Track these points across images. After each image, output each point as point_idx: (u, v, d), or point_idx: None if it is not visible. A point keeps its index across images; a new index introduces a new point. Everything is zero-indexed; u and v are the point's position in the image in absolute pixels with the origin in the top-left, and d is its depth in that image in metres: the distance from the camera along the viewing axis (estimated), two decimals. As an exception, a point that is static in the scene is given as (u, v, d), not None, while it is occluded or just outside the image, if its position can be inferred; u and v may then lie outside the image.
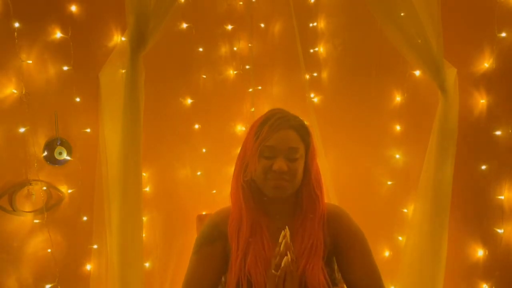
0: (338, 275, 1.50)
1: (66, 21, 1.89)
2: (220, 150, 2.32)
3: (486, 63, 2.02)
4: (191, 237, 2.05)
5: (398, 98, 2.21)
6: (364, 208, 2.09)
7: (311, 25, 2.40)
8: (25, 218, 1.84)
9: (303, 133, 1.42)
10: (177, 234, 2.19)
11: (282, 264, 1.27)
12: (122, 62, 1.70)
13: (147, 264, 2.11)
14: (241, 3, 2.39)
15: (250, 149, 1.41)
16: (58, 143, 1.88)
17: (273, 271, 1.29)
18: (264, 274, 1.36)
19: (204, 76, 2.31)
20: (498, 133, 2.01)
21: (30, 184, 1.83)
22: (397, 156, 2.22)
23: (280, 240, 1.29)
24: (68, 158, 1.90)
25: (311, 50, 2.39)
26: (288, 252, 1.27)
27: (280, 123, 1.39)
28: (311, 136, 1.45)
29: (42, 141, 1.86)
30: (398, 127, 2.22)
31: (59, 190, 1.90)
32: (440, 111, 1.72)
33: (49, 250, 1.86)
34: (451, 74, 1.72)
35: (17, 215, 1.82)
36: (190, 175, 2.26)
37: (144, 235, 1.86)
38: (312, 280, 1.35)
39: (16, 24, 1.78)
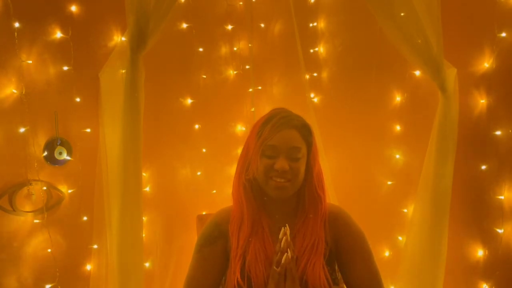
0: (339, 275, 1.49)
1: (66, 21, 1.89)
2: (220, 150, 2.32)
3: (486, 63, 2.02)
4: (191, 237, 2.05)
5: (398, 98, 2.21)
6: (364, 208, 2.09)
7: (311, 25, 2.40)
8: (25, 218, 1.84)
9: (306, 133, 1.42)
10: (177, 234, 2.19)
11: (283, 261, 1.27)
12: (122, 62, 1.69)
13: (147, 264, 2.11)
14: (241, 3, 2.39)
15: (252, 148, 1.42)
16: (58, 143, 1.88)
17: (274, 267, 1.29)
18: (264, 272, 1.36)
19: (204, 76, 2.30)
20: (498, 133, 2.01)
21: (30, 184, 1.83)
22: (397, 156, 2.22)
23: (280, 236, 1.29)
24: (68, 158, 1.90)
25: (311, 50, 2.39)
26: (288, 249, 1.27)
27: (282, 122, 1.39)
28: (313, 136, 1.45)
29: (42, 141, 1.86)
30: (398, 127, 2.22)
31: (59, 190, 1.90)
32: (440, 111, 1.72)
33: (49, 250, 1.86)
34: (451, 74, 1.72)
35: (17, 215, 1.82)
36: (190, 175, 2.26)
37: (144, 235, 1.86)
38: (313, 278, 1.35)
39: (16, 24, 1.78)
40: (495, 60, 1.99)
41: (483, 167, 2.04)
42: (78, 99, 1.92)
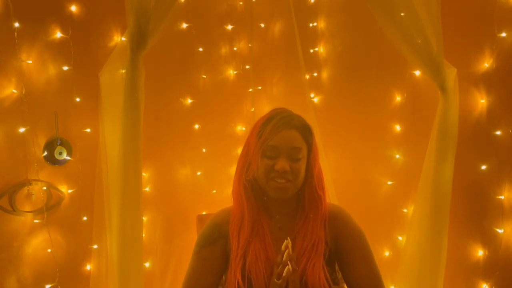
0: (339, 275, 1.50)
1: (66, 21, 1.89)
2: (220, 150, 2.32)
3: (486, 63, 2.02)
4: (191, 237, 2.05)
5: (398, 98, 2.21)
6: (364, 208, 2.09)
7: (311, 25, 2.40)
8: (25, 218, 1.84)
9: (306, 133, 1.42)
10: (177, 234, 2.19)
11: (284, 274, 1.27)
12: (122, 62, 1.69)
13: (147, 264, 2.11)
14: (241, 3, 2.39)
15: (252, 148, 1.41)
16: (58, 143, 1.88)
17: (275, 279, 1.30)
18: (265, 273, 1.36)
19: (204, 76, 2.31)
20: (498, 133, 2.01)
21: (30, 184, 1.83)
22: (397, 156, 2.22)
23: (282, 249, 1.30)
24: (68, 158, 1.90)
25: (311, 50, 2.39)
26: (289, 262, 1.27)
27: (283, 123, 1.39)
28: (313, 136, 1.45)
29: (42, 141, 1.86)
30: (398, 127, 2.22)
31: (59, 190, 1.90)
32: (440, 111, 1.72)
33: (49, 250, 1.86)
34: (451, 74, 1.72)
35: (17, 215, 1.82)
36: (190, 175, 2.26)
37: (144, 235, 1.87)
38: (312, 278, 1.35)
39: (16, 24, 1.78)
40: (495, 60, 1.99)
41: (483, 167, 2.04)
42: (78, 99, 1.92)
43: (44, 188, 1.86)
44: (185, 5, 2.19)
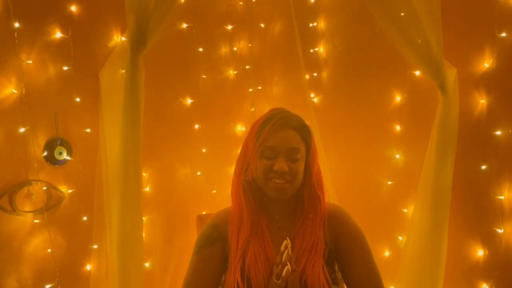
0: (338, 275, 1.50)
1: (66, 21, 1.89)
2: (220, 150, 2.32)
3: (486, 63, 2.02)
4: (191, 237, 2.05)
5: (398, 98, 2.21)
6: (364, 208, 2.09)
7: (311, 25, 2.40)
8: (25, 218, 1.84)
9: (305, 133, 1.42)
10: (177, 234, 2.19)
11: (283, 274, 1.27)
12: (122, 62, 1.70)
13: (147, 264, 2.11)
14: (241, 3, 2.39)
15: (251, 149, 1.41)
16: (58, 143, 1.88)
17: (274, 279, 1.30)
18: (264, 273, 1.36)
19: (204, 76, 2.31)
20: (498, 133, 2.01)
21: (30, 184, 1.83)
22: (397, 156, 2.22)
23: (281, 249, 1.30)
24: (68, 158, 1.90)
25: (311, 50, 2.39)
26: (288, 263, 1.28)
27: (281, 123, 1.39)
28: (312, 137, 1.45)
29: (42, 141, 1.86)
30: (398, 127, 2.22)
31: (59, 190, 1.90)
32: (440, 111, 1.72)
33: (49, 250, 1.86)
34: (451, 74, 1.72)
35: (17, 215, 1.82)
36: (190, 175, 2.26)
37: (144, 235, 1.87)
38: (312, 278, 1.35)
39: (16, 24, 1.78)
40: (495, 60, 1.99)
41: (483, 167, 2.04)
42: (78, 99, 1.92)
43: (44, 188, 1.86)
44: (185, 5, 2.19)
